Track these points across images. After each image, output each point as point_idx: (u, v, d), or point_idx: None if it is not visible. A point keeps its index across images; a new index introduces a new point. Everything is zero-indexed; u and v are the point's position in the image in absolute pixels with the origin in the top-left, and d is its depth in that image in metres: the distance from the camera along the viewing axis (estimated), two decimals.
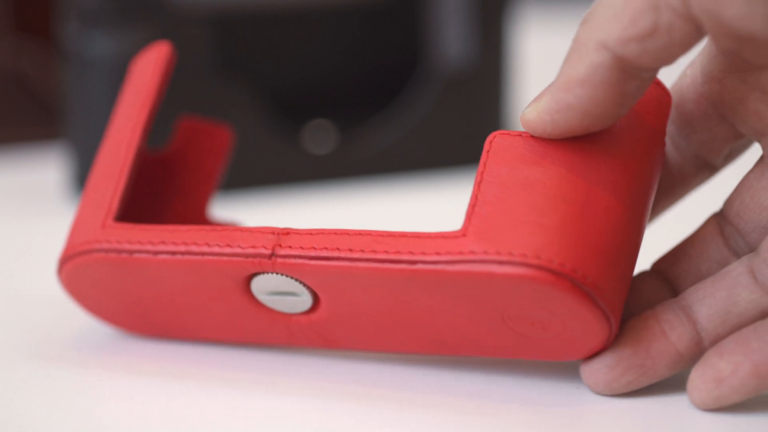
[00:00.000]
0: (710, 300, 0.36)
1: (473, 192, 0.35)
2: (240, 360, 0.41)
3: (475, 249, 0.34)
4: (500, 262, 0.34)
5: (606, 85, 0.34)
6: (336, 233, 0.36)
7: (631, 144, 0.36)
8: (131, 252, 0.39)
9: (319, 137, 0.64)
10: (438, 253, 0.34)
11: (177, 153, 0.46)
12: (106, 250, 0.39)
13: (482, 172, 0.35)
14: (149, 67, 0.43)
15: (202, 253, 0.37)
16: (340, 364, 0.40)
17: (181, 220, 0.45)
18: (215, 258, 0.37)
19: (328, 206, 0.60)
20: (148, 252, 0.38)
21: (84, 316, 0.45)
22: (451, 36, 0.64)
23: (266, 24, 0.64)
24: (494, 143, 0.36)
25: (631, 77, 0.34)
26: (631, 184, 0.36)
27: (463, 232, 0.34)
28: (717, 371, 0.35)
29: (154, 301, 0.40)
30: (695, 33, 0.33)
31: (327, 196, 0.62)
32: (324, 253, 0.36)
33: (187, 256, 0.38)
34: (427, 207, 0.61)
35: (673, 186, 0.40)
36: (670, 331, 0.36)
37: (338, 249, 0.36)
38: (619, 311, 0.36)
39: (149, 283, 0.39)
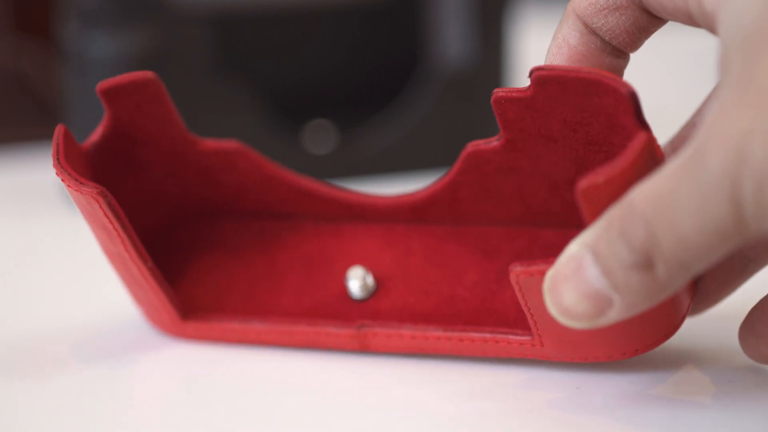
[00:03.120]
0: None
1: (529, 319, 0.37)
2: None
3: (560, 356, 0.38)
4: (586, 361, 0.38)
5: None
6: (414, 338, 0.40)
7: None
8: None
9: (319, 137, 0.64)
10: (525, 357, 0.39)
11: (118, 122, 0.44)
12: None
13: (528, 309, 0.37)
14: (104, 225, 0.40)
15: (291, 345, 0.41)
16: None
17: (173, 159, 0.44)
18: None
19: None
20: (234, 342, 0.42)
21: (83, 316, 0.45)
22: (451, 36, 0.64)
23: (266, 24, 0.64)
24: (522, 284, 0.36)
25: None
26: None
27: (539, 342, 0.38)
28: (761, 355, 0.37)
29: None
30: None
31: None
32: (409, 352, 0.40)
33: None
34: None
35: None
36: None
37: (421, 349, 0.40)
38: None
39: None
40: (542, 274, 0.35)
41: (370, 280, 0.42)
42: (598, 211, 0.34)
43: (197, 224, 0.46)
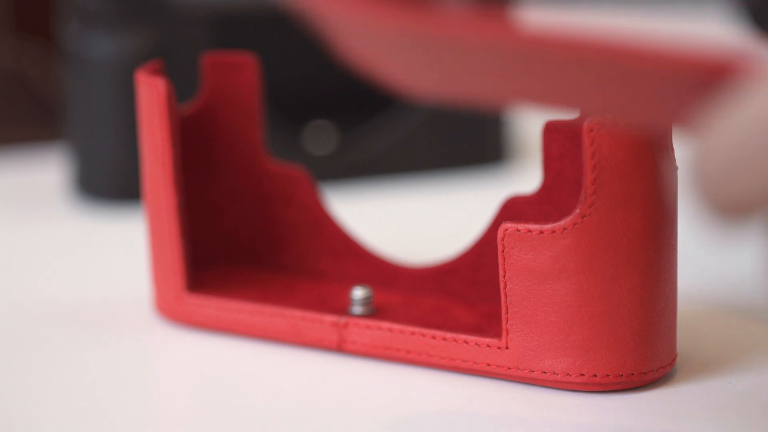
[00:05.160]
0: None
1: (502, 291, 0.38)
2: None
3: (521, 366, 0.38)
4: (544, 380, 0.38)
5: None
6: (391, 331, 0.40)
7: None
8: (210, 329, 0.43)
9: (320, 138, 0.64)
10: (488, 365, 0.39)
11: (211, 98, 0.46)
12: (188, 324, 0.44)
13: (504, 274, 0.38)
14: (154, 114, 0.43)
15: (277, 339, 0.42)
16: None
17: (239, 170, 0.46)
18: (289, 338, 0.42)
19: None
20: (224, 328, 0.43)
21: (83, 316, 0.45)
22: None
23: (266, 24, 0.64)
24: (506, 239, 0.38)
25: None
26: (649, 243, 0.37)
27: (504, 344, 0.38)
28: None
29: None
30: None
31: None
32: (384, 352, 0.41)
33: (264, 336, 0.43)
34: (428, 207, 0.61)
35: None
36: None
37: (397, 350, 0.40)
38: (673, 347, 0.38)
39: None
40: (529, 232, 0.37)
41: (370, 294, 0.42)
42: (598, 154, 0.36)
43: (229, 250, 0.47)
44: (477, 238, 0.43)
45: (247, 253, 0.47)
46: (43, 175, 0.65)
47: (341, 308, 0.43)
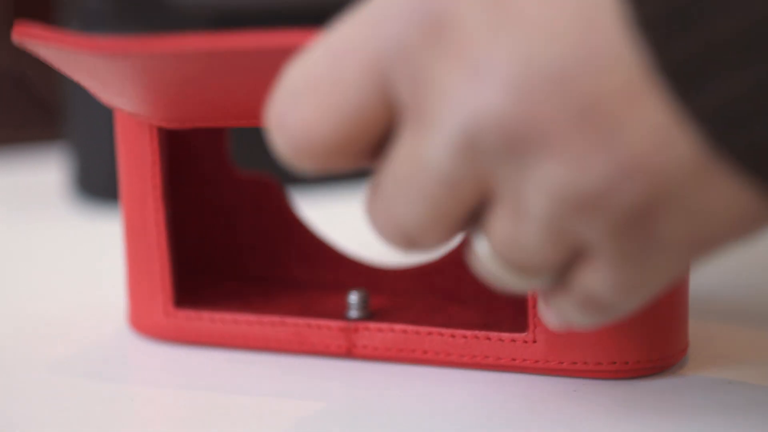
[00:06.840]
0: None
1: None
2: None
3: (550, 358, 0.38)
4: (574, 371, 0.38)
5: None
6: (405, 332, 0.39)
7: None
8: (202, 343, 0.42)
9: None
10: (513, 360, 0.38)
11: None
12: (176, 340, 0.42)
13: None
14: (144, 124, 0.41)
15: (279, 349, 0.41)
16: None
17: (206, 180, 0.45)
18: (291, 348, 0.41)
19: (328, 206, 0.60)
20: (219, 343, 0.41)
21: (83, 314, 0.45)
22: None
23: (266, 24, 0.64)
24: None
25: None
26: None
27: (532, 338, 0.38)
28: None
29: None
30: None
31: (328, 196, 0.62)
32: (398, 354, 0.40)
33: (263, 347, 0.41)
34: None
35: None
36: None
37: (412, 350, 0.39)
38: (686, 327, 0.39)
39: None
40: None
41: (367, 297, 0.41)
42: None
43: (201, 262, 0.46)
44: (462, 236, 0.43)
45: (219, 264, 0.46)
46: (43, 175, 0.65)
47: (333, 314, 0.41)
